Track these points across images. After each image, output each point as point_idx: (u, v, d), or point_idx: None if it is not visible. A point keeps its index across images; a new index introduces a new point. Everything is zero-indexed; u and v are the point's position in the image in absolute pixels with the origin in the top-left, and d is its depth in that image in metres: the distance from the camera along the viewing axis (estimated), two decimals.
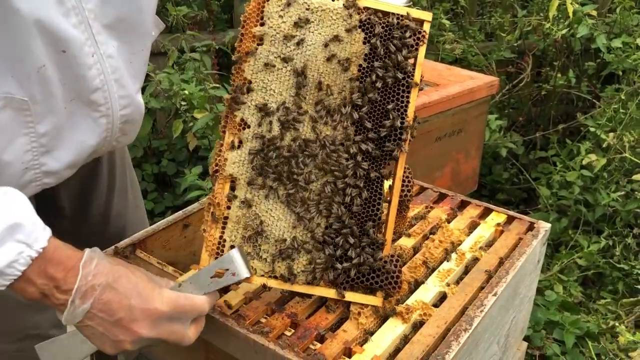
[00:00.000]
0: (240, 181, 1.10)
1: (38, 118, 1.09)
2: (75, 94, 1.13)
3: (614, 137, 2.85)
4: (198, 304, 1.00)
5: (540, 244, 1.38)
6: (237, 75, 1.10)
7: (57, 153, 1.17)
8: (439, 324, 1.09)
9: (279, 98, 1.10)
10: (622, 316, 2.56)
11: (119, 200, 1.55)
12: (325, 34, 1.09)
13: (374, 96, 1.11)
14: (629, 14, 3.19)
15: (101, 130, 1.21)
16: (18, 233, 0.90)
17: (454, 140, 2.31)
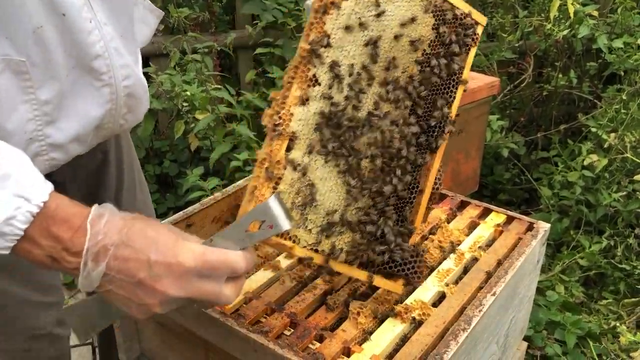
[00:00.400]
0: (301, 142, 1.00)
1: (38, 83, 1.07)
2: (76, 61, 1.11)
3: (615, 137, 2.85)
4: (231, 259, 0.87)
5: (539, 244, 1.38)
6: (316, 26, 0.99)
7: (61, 124, 1.14)
8: (438, 324, 1.09)
9: (352, 62, 1.03)
10: (624, 316, 2.56)
11: (128, 200, 1.55)
12: (405, 11, 1.07)
13: (431, 84, 1.12)
14: (630, 14, 3.19)
15: (105, 101, 1.18)
16: (14, 186, 0.81)
17: (455, 141, 2.31)
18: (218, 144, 2.85)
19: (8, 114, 1.05)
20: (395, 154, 1.09)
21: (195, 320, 1.13)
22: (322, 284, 1.19)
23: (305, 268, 1.23)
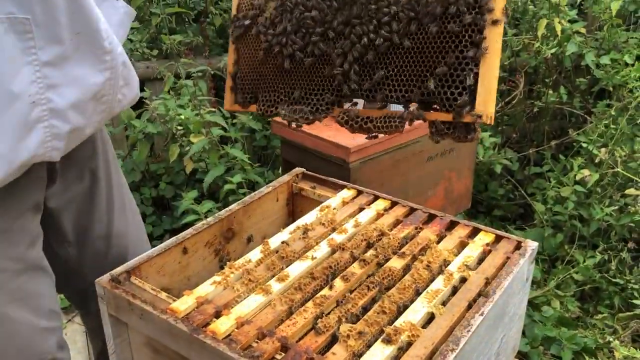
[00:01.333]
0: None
1: (40, 43, 1.09)
2: (81, 27, 1.14)
3: (605, 152, 2.88)
4: None
5: (527, 262, 1.40)
6: None
7: (61, 89, 1.16)
8: (427, 345, 1.11)
9: None
10: (619, 330, 2.57)
11: (120, 220, 1.57)
12: None
13: None
14: (617, 31, 3.24)
15: (104, 68, 1.22)
16: None
17: (446, 160, 2.34)
18: (213, 166, 2.88)
19: (13, 75, 1.07)
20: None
21: (188, 346, 1.14)
22: (313, 307, 1.21)
23: (296, 292, 1.25)
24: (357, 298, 1.24)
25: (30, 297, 1.33)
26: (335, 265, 1.34)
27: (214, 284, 1.27)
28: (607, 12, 3.11)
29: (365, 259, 1.36)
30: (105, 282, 1.28)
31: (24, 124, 1.11)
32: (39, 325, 1.36)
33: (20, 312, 1.31)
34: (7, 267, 1.26)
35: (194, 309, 1.20)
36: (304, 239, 1.45)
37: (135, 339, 1.32)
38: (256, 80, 1.25)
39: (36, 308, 1.34)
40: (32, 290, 1.33)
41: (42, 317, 1.37)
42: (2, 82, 1.06)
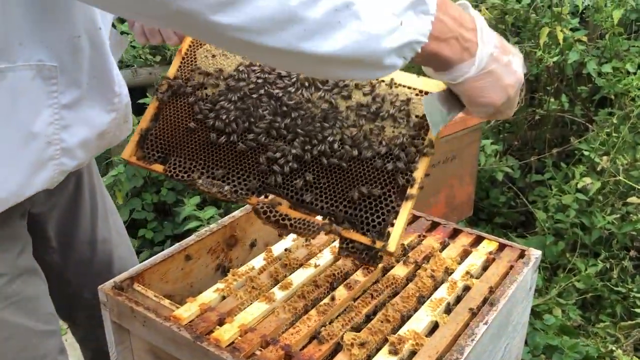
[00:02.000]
0: None
1: (62, 88, 1.15)
2: (98, 72, 1.22)
3: (607, 160, 2.88)
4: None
5: (531, 271, 1.40)
6: None
7: (73, 129, 1.21)
8: (431, 354, 1.11)
9: None
10: (621, 339, 2.56)
11: (103, 226, 1.58)
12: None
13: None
14: (619, 40, 3.25)
15: (111, 109, 1.29)
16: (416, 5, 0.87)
17: (448, 167, 2.34)
18: None
19: (34, 117, 1.13)
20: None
21: (191, 353, 1.14)
22: (316, 315, 1.20)
23: (299, 299, 1.25)
24: (361, 306, 1.24)
25: (27, 301, 1.33)
26: (338, 273, 1.34)
27: (217, 291, 1.27)
28: (609, 20, 3.11)
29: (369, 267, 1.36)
30: (108, 288, 1.27)
31: (37, 162, 1.17)
32: (36, 328, 1.35)
33: (17, 316, 1.31)
34: (1, 273, 1.27)
35: (197, 316, 1.20)
36: (306, 247, 1.44)
37: (137, 346, 1.31)
38: (173, 144, 1.20)
39: (33, 312, 1.35)
40: (28, 294, 1.33)
41: (39, 320, 1.37)
42: (24, 123, 1.12)
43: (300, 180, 1.08)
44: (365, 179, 1.06)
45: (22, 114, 1.11)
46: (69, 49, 1.12)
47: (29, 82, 1.09)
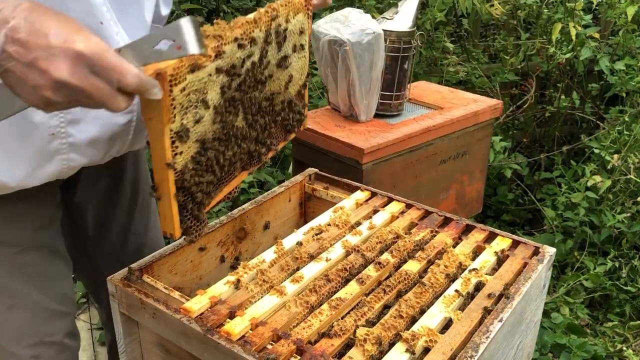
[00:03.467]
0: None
1: None
2: None
3: (618, 158, 2.85)
4: (127, 69, 0.86)
5: (545, 268, 1.38)
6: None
7: (82, 125, 1.18)
8: (445, 351, 1.09)
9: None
10: (630, 339, 2.54)
11: (139, 220, 1.61)
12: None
13: None
14: (632, 37, 3.21)
15: (128, 111, 1.25)
16: None
17: (459, 163, 2.32)
18: None
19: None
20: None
21: (201, 346, 1.12)
22: (328, 309, 1.19)
23: (311, 293, 1.23)
24: (373, 301, 1.22)
25: (40, 276, 1.34)
26: (350, 268, 1.32)
27: (227, 284, 1.25)
28: (623, 17, 3.08)
29: (381, 261, 1.34)
30: (117, 280, 1.26)
31: (42, 154, 1.16)
32: (46, 305, 1.37)
33: (26, 287, 1.32)
34: (12, 242, 1.28)
35: (207, 309, 1.18)
36: (318, 240, 1.42)
37: (146, 338, 1.30)
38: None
39: (45, 288, 1.36)
40: (43, 270, 1.35)
41: (52, 298, 1.38)
42: (25, 113, 1.07)
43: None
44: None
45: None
46: None
47: None
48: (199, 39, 0.87)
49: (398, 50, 2.10)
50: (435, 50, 3.49)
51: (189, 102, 1.06)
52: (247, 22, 1.18)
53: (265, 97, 1.34)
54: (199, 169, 1.15)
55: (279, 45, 1.32)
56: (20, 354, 1.36)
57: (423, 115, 2.20)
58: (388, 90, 2.16)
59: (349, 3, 3.25)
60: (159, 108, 0.99)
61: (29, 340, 1.36)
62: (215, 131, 1.17)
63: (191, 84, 1.05)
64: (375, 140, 1.95)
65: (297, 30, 1.38)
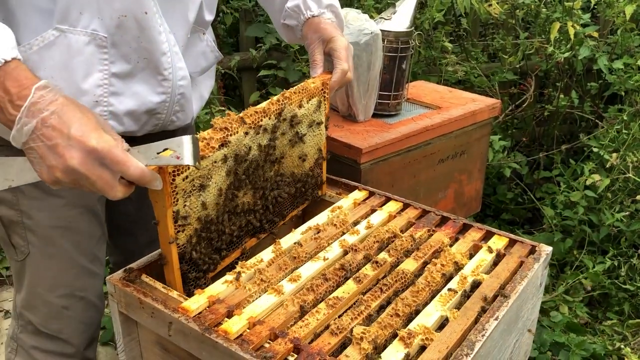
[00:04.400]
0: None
1: (112, 59, 1.32)
2: (147, 53, 1.34)
3: (617, 157, 2.86)
4: (131, 163, 1.02)
5: (542, 267, 1.39)
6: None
7: (122, 97, 1.37)
8: (441, 349, 1.10)
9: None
10: (629, 337, 2.55)
11: None
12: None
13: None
14: (630, 36, 3.22)
15: (161, 91, 1.41)
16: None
17: (457, 162, 2.33)
18: None
19: (85, 76, 1.31)
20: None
21: (199, 345, 1.13)
22: (325, 308, 1.20)
23: (308, 292, 1.24)
24: (370, 300, 1.23)
25: (76, 232, 1.48)
26: (347, 267, 1.33)
27: (225, 283, 1.26)
28: (621, 16, 3.09)
29: (378, 260, 1.35)
30: (116, 279, 1.27)
31: None
32: (79, 261, 1.50)
33: (64, 240, 1.47)
34: (61, 194, 1.42)
35: (205, 308, 1.19)
36: (315, 240, 1.43)
37: (145, 337, 1.31)
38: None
39: (79, 244, 1.49)
40: (80, 227, 1.49)
41: (85, 256, 1.51)
42: (76, 79, 1.30)
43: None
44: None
45: (76, 71, 1.29)
46: (117, 26, 1.28)
47: (84, 46, 1.28)
48: (196, 154, 1.06)
49: (396, 50, 2.11)
50: (434, 50, 3.50)
51: (192, 187, 1.21)
52: (257, 112, 1.32)
53: (277, 173, 1.46)
54: (203, 243, 1.28)
55: (291, 127, 1.45)
56: (52, 301, 1.50)
57: (421, 115, 2.21)
58: (386, 90, 2.17)
59: (348, 3, 3.26)
60: (162, 194, 1.15)
61: (61, 290, 1.50)
62: (219, 209, 1.30)
63: (194, 172, 1.19)
64: (373, 140, 1.96)
65: (311, 112, 1.50)
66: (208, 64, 1.61)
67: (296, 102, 1.43)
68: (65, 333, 1.55)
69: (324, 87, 1.51)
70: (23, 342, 1.58)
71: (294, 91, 1.42)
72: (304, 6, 1.59)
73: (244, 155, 1.31)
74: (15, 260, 1.50)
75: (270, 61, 3.35)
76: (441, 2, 3.13)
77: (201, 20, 1.51)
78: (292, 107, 1.42)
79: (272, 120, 1.36)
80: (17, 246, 1.48)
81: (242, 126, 1.27)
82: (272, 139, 1.38)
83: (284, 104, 1.39)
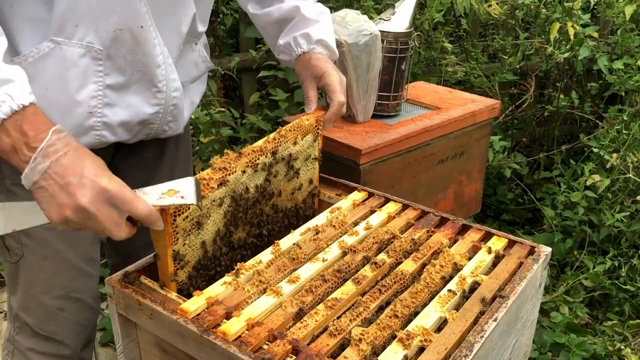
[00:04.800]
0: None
1: (107, 71, 1.34)
2: (142, 66, 1.37)
3: (617, 157, 2.86)
4: (138, 203, 1.08)
5: (541, 268, 1.39)
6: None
7: (115, 109, 1.39)
8: (439, 350, 1.09)
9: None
10: (629, 338, 2.55)
11: None
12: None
13: None
14: (630, 36, 3.21)
15: (156, 102, 1.44)
16: (8, 87, 1.04)
17: (457, 163, 2.32)
18: None
19: (80, 88, 1.33)
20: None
21: (198, 347, 1.13)
22: (324, 309, 1.19)
23: (307, 294, 1.24)
24: (369, 301, 1.23)
25: (73, 236, 1.48)
26: (346, 268, 1.33)
27: (224, 285, 1.26)
28: (621, 16, 3.08)
29: (377, 261, 1.35)
30: (115, 281, 1.27)
31: (80, 128, 1.36)
32: (74, 262, 1.52)
33: (58, 242, 1.48)
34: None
35: (204, 309, 1.19)
36: (314, 241, 1.43)
37: (144, 339, 1.31)
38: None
39: (74, 246, 1.51)
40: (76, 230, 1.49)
41: (80, 258, 1.53)
42: (70, 90, 1.32)
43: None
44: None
45: (70, 82, 1.31)
46: (112, 39, 1.30)
47: (80, 58, 1.30)
48: (198, 194, 1.14)
49: (395, 51, 2.11)
50: (434, 51, 3.50)
51: (192, 225, 1.26)
52: (254, 150, 1.38)
53: (272, 207, 1.50)
54: (201, 275, 1.34)
55: (286, 164, 1.50)
56: (47, 303, 1.51)
57: (421, 116, 2.21)
58: (385, 90, 2.17)
59: (347, 4, 3.26)
60: (163, 234, 1.19)
61: (56, 292, 1.51)
62: (216, 246, 1.35)
63: (195, 212, 1.24)
64: (372, 141, 1.96)
65: (305, 148, 1.55)
66: (199, 73, 1.63)
67: (291, 139, 1.49)
68: (61, 334, 1.55)
69: (317, 123, 1.56)
70: (19, 344, 1.59)
71: (289, 129, 1.48)
72: (294, 43, 1.65)
73: (242, 193, 1.38)
74: (9, 262, 1.51)
75: (270, 62, 3.34)
76: (441, 3, 3.13)
77: (194, 32, 1.52)
78: (287, 145, 1.49)
79: (268, 158, 1.43)
80: (11, 248, 1.49)
81: (240, 165, 1.34)
82: (268, 176, 1.44)
83: (280, 142, 1.45)
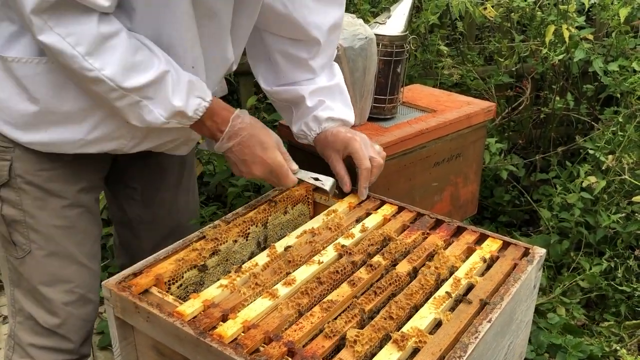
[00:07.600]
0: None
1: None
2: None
3: (613, 159, 2.87)
4: (288, 179, 1.56)
5: (535, 269, 1.40)
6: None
7: (144, 143, 1.53)
8: (434, 351, 1.10)
9: None
10: (625, 339, 2.56)
11: (182, 197, 1.90)
12: None
13: None
14: (625, 38, 3.23)
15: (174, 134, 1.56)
16: (195, 90, 1.39)
17: (453, 165, 2.33)
18: (221, 168, 2.88)
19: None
20: None
21: (194, 349, 1.14)
22: (320, 312, 1.20)
23: (303, 296, 1.25)
24: (364, 303, 1.24)
25: (76, 231, 1.57)
26: (342, 270, 1.34)
27: (220, 287, 1.27)
28: (616, 18, 3.10)
29: (372, 264, 1.36)
30: (111, 284, 1.28)
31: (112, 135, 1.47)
32: (79, 259, 1.59)
33: (65, 239, 1.56)
34: (65, 196, 1.54)
35: (200, 312, 1.20)
36: (310, 244, 1.44)
37: (141, 341, 1.32)
38: None
39: (78, 243, 1.58)
40: (80, 227, 1.58)
41: (84, 254, 1.60)
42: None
43: None
44: None
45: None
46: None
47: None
48: (332, 189, 1.66)
49: (391, 55, 2.12)
50: (430, 54, 3.51)
51: (186, 293, 1.33)
52: (245, 221, 1.49)
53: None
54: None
55: (277, 232, 1.59)
56: (52, 297, 1.57)
57: (416, 119, 2.22)
58: (381, 94, 2.18)
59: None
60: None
61: (61, 286, 1.57)
62: None
63: (188, 280, 1.34)
64: None
65: (295, 217, 1.65)
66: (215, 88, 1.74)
67: (281, 209, 1.59)
68: (64, 328, 1.60)
69: (307, 193, 1.67)
70: (20, 340, 1.61)
71: (279, 199, 1.59)
72: (307, 129, 1.73)
73: (232, 261, 1.46)
74: (15, 257, 1.56)
75: None
76: (436, 5, 3.14)
77: (229, 73, 1.71)
78: (278, 215, 1.58)
79: (259, 227, 1.53)
80: (18, 244, 1.54)
81: (231, 235, 1.45)
82: (258, 244, 1.54)
83: (270, 212, 1.55)
